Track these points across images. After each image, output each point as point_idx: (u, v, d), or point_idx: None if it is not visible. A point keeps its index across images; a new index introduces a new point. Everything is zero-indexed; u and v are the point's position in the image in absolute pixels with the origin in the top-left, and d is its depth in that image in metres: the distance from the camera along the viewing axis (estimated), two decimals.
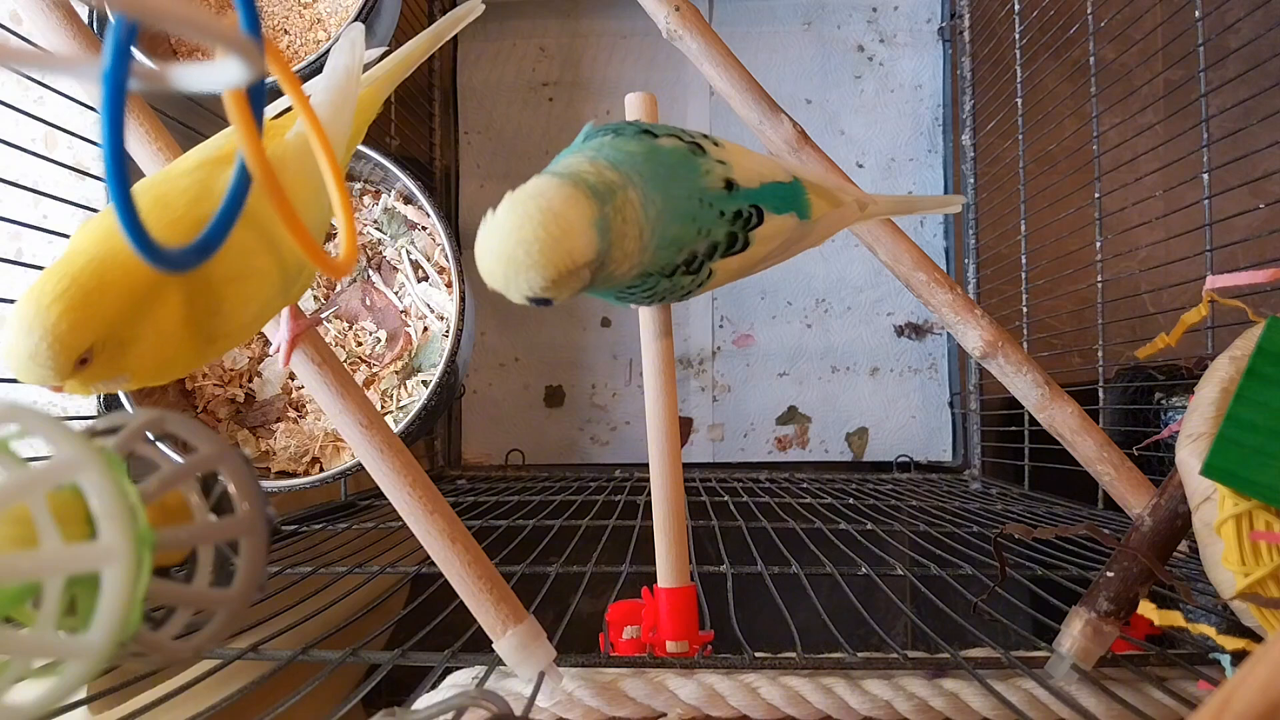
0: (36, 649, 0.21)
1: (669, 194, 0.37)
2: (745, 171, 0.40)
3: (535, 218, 0.33)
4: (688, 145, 0.39)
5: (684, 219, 0.37)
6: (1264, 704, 0.24)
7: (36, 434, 0.23)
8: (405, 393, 0.87)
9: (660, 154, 0.38)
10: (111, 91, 0.20)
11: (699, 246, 0.38)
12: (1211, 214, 0.72)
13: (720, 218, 0.38)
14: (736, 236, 0.39)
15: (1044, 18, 0.94)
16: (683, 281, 0.39)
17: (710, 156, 0.39)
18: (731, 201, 0.39)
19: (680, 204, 0.37)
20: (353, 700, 0.43)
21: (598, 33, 1.18)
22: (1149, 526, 0.41)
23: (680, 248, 0.38)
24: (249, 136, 0.25)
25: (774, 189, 0.41)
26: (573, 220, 0.33)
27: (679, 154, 0.38)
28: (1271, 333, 0.37)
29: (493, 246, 0.33)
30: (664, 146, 0.38)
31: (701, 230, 0.38)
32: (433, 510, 0.42)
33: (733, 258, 0.40)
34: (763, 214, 0.40)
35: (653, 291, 0.39)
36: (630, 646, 0.49)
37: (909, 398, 1.15)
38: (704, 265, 0.39)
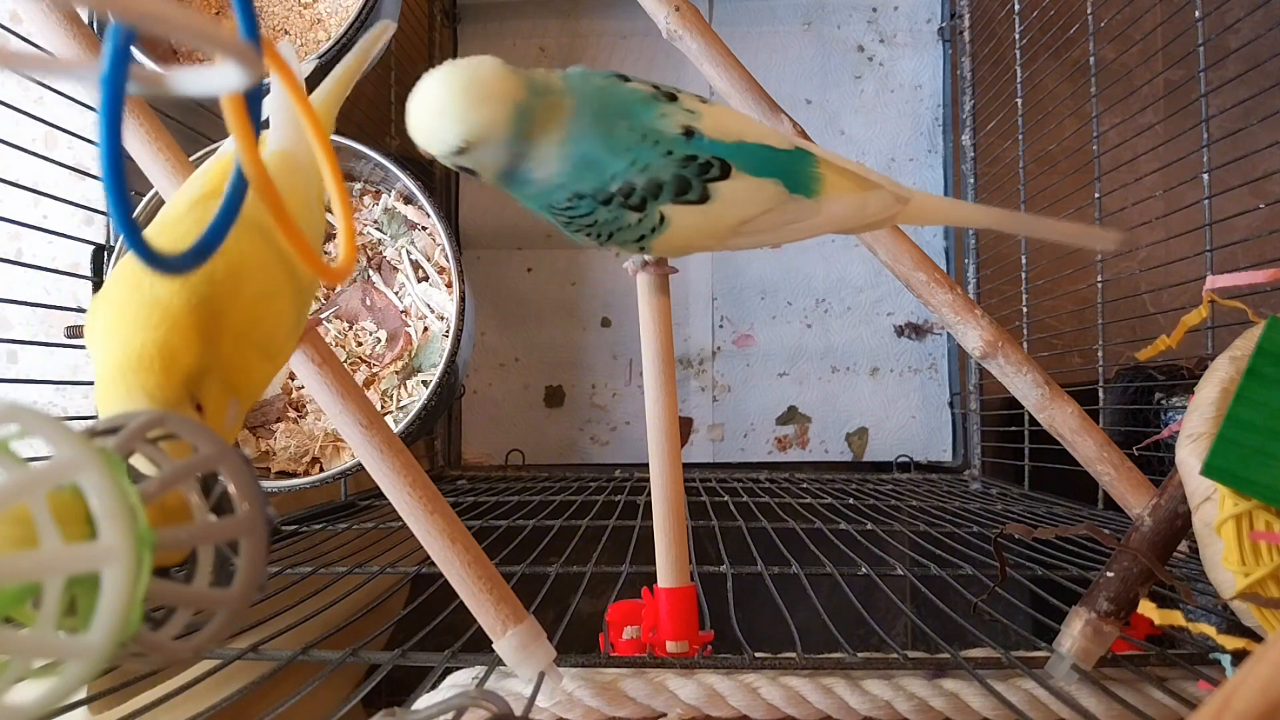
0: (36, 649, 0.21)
1: (602, 118, 0.38)
2: (719, 127, 0.40)
3: (461, 78, 0.36)
4: (653, 91, 0.40)
5: (615, 149, 0.38)
6: (1264, 704, 0.24)
7: (36, 434, 0.23)
8: (405, 393, 0.87)
9: (617, 89, 0.39)
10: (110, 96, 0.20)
11: (636, 180, 0.38)
12: (1211, 214, 0.72)
13: (667, 156, 0.38)
14: (689, 182, 0.39)
15: (1044, 18, 0.94)
16: (627, 217, 0.39)
17: (679, 105, 0.40)
18: (687, 146, 0.39)
19: (616, 133, 0.38)
20: (353, 700, 0.43)
21: (598, 33, 1.18)
22: (1149, 526, 0.41)
23: (611, 176, 0.38)
24: (246, 142, 0.25)
25: (756, 149, 0.40)
26: (495, 90, 0.36)
27: (639, 94, 0.39)
28: (1271, 333, 0.37)
29: (420, 96, 0.36)
30: (626, 86, 0.40)
31: (638, 162, 0.38)
32: (433, 510, 0.42)
33: (691, 208, 0.39)
34: (729, 168, 0.39)
35: (593, 219, 0.39)
36: (630, 646, 0.49)
37: (909, 398, 1.15)
38: (648, 204, 0.39)
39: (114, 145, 0.20)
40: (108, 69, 0.20)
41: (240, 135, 0.24)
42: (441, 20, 1.16)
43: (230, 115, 0.24)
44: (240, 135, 0.24)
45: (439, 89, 0.36)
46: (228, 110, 0.24)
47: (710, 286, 1.16)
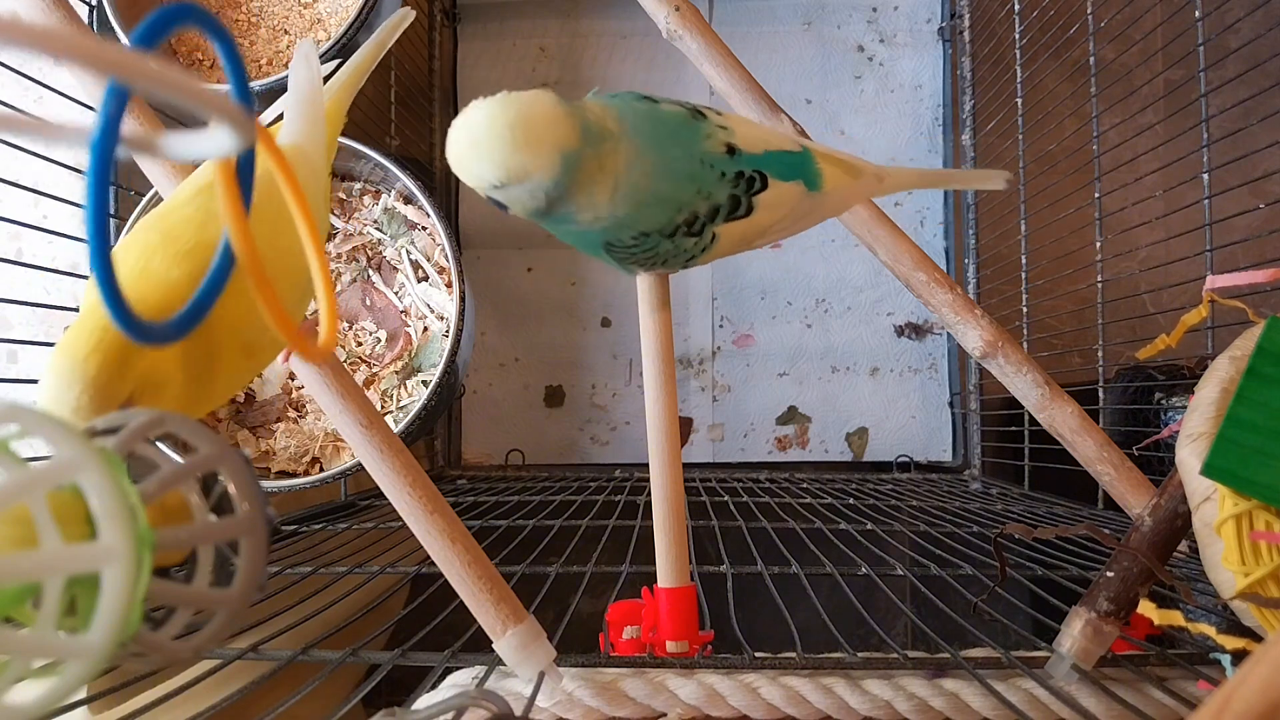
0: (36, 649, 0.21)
1: (665, 153, 0.37)
2: (748, 138, 0.40)
3: (508, 117, 0.34)
4: (688, 110, 0.40)
5: (680, 178, 0.38)
6: (1264, 704, 0.24)
7: (36, 434, 0.23)
8: (405, 393, 0.87)
9: (661, 115, 0.39)
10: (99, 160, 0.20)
11: (700, 207, 0.38)
12: (1211, 214, 0.72)
13: (721, 179, 0.38)
14: (739, 200, 0.39)
15: (1044, 18, 0.94)
16: (685, 244, 0.39)
17: (711, 121, 0.40)
18: (733, 164, 0.39)
19: (677, 164, 0.38)
20: (353, 700, 0.43)
21: (598, 33, 1.18)
22: (1149, 526, 0.41)
23: (678, 207, 0.38)
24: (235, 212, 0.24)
25: (779, 156, 0.41)
26: (541, 137, 0.34)
27: (680, 117, 0.39)
28: (1271, 333, 0.37)
29: (463, 125, 0.35)
30: (665, 110, 0.39)
31: (701, 190, 0.38)
32: (433, 510, 0.42)
33: (736, 223, 0.40)
34: (766, 179, 0.40)
35: (654, 252, 0.39)
36: (630, 646, 0.49)
37: (909, 398, 1.15)
38: (706, 228, 0.39)
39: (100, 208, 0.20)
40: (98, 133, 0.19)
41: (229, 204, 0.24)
42: (441, 20, 1.16)
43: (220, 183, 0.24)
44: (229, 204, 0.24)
45: (486, 123, 0.34)
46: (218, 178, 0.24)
47: (710, 286, 1.16)
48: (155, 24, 0.21)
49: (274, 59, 0.82)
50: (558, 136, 0.35)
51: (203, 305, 0.25)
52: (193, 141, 0.21)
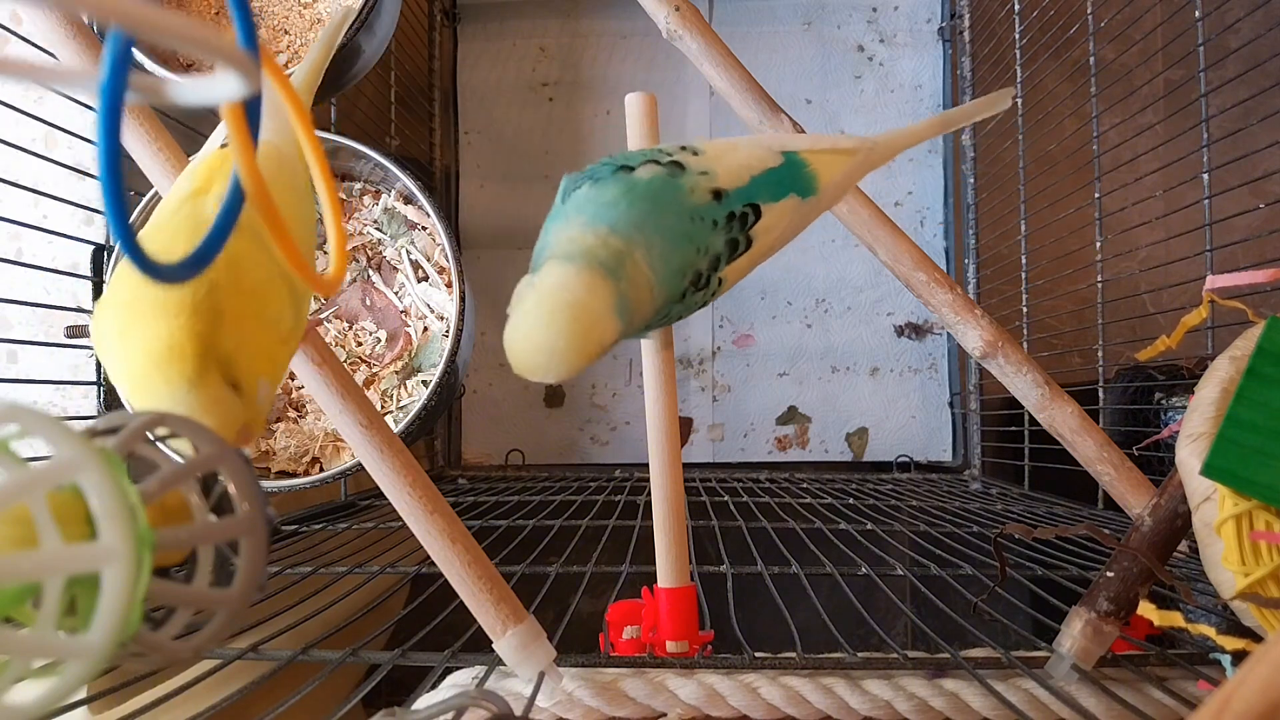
0: (36, 649, 0.21)
1: (663, 227, 0.36)
2: (730, 174, 0.39)
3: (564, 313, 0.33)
4: (666, 168, 0.38)
5: (683, 243, 0.37)
6: (1264, 704, 0.24)
7: (36, 434, 0.23)
8: (405, 393, 0.87)
9: (640, 189, 0.37)
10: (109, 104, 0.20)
11: (702, 265, 0.38)
12: (1211, 214, 0.72)
13: (715, 229, 0.38)
14: (737, 241, 0.39)
15: (1044, 18, 0.94)
16: (694, 300, 0.39)
17: (691, 171, 0.38)
18: (723, 209, 0.38)
19: (676, 231, 0.37)
20: (353, 700, 0.43)
21: (598, 33, 1.18)
22: (1149, 526, 0.41)
23: (684, 273, 0.37)
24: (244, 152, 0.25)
25: (765, 179, 0.40)
26: (597, 310, 0.33)
27: (659, 181, 0.38)
28: (1271, 333, 0.37)
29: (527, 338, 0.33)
30: (642, 179, 0.37)
31: (700, 248, 0.38)
32: (433, 510, 0.42)
33: (741, 259, 0.39)
34: (759, 209, 0.39)
35: (668, 317, 0.39)
36: (630, 646, 0.49)
37: (909, 398, 1.15)
38: (711, 279, 0.39)
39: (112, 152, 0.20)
40: (107, 77, 0.20)
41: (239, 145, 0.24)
42: (441, 20, 1.16)
43: (229, 125, 0.24)
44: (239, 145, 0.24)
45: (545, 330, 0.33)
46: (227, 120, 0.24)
47: None
48: None
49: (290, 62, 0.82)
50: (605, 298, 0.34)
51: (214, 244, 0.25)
52: (201, 87, 0.21)
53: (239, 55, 0.20)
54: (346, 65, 0.85)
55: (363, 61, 0.87)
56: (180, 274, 0.24)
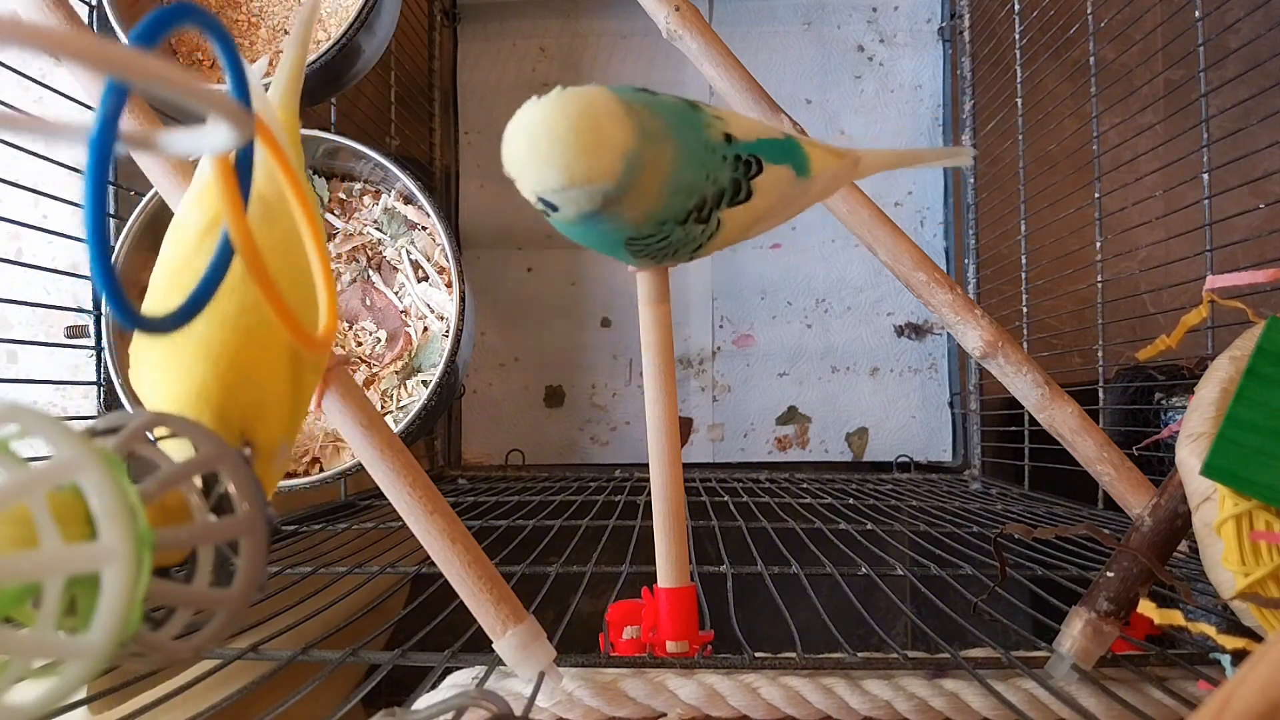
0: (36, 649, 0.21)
1: (686, 141, 0.37)
2: (740, 128, 0.41)
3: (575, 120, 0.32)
4: (685, 101, 0.40)
5: (697, 165, 0.38)
6: (1264, 704, 0.24)
7: (36, 434, 0.23)
8: (405, 393, 0.87)
9: (668, 103, 0.39)
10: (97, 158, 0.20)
11: (709, 192, 0.38)
12: (1211, 214, 0.72)
13: (724, 162, 0.39)
14: (740, 184, 0.39)
15: (1044, 18, 0.94)
16: (694, 231, 0.39)
17: (707, 111, 0.40)
18: (732, 149, 0.39)
19: (694, 151, 0.38)
20: (353, 700, 0.43)
21: (598, 33, 1.18)
22: (1149, 526, 0.41)
23: (693, 194, 0.38)
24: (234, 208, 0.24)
25: (769, 143, 0.41)
26: (608, 139, 0.33)
27: (681, 106, 0.39)
28: (1271, 333, 0.37)
29: (524, 128, 0.33)
30: (666, 99, 0.39)
31: (710, 175, 0.38)
32: (433, 510, 0.42)
33: (737, 208, 0.40)
34: (762, 164, 0.40)
35: (667, 241, 0.39)
36: (630, 646, 0.49)
37: (909, 398, 1.15)
38: (713, 214, 0.39)
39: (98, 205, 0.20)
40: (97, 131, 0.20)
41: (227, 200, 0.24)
42: (441, 20, 1.16)
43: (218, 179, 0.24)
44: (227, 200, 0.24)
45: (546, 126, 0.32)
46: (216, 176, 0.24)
47: (710, 286, 1.16)
48: (155, 23, 0.21)
49: (274, 59, 0.82)
50: (622, 138, 0.33)
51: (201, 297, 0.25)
52: (192, 138, 0.21)
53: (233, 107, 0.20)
54: (346, 65, 0.85)
55: (363, 61, 0.87)
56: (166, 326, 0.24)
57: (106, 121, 0.19)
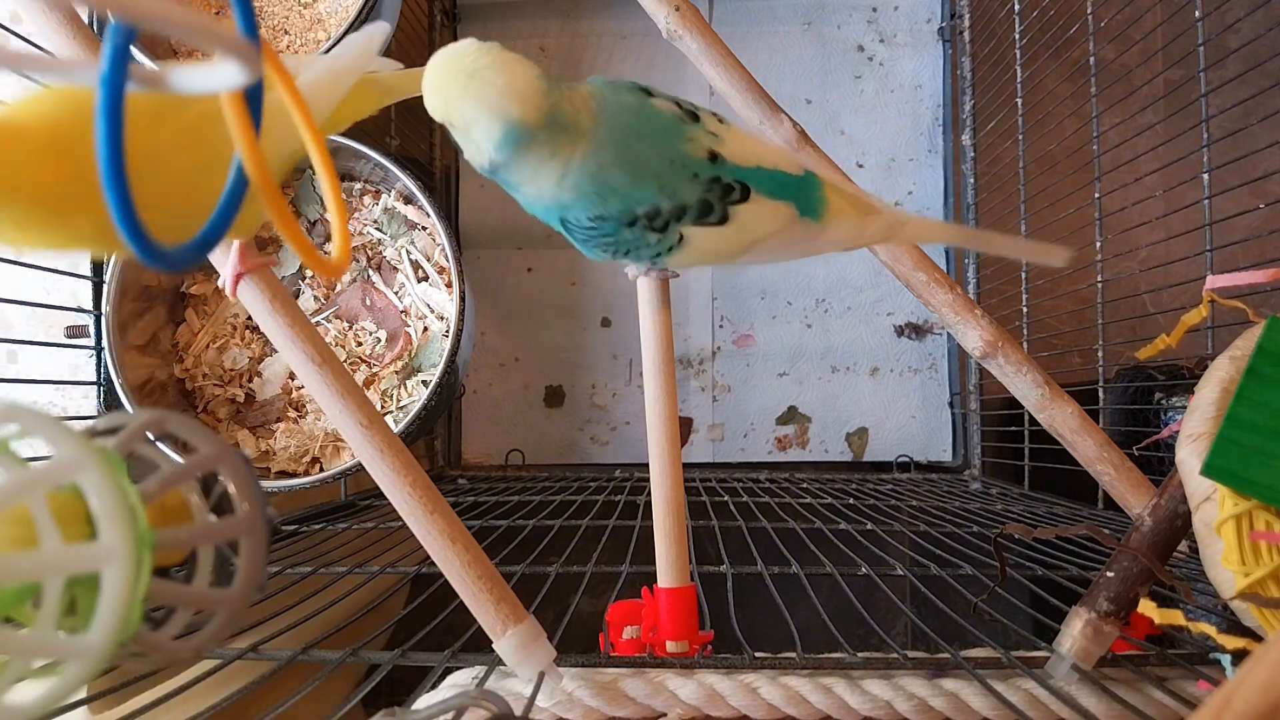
0: (36, 649, 0.21)
1: (629, 148, 0.38)
2: (739, 151, 0.40)
3: (477, 64, 0.35)
4: (682, 112, 0.40)
5: (640, 175, 0.38)
6: (1264, 704, 0.24)
7: (36, 434, 0.23)
8: (405, 393, 0.87)
9: (643, 110, 0.39)
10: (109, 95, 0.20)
11: (663, 204, 0.38)
12: (1211, 214, 0.72)
13: (693, 180, 0.38)
14: (711, 205, 0.39)
15: (1044, 18, 0.94)
16: (648, 238, 0.39)
17: (703, 127, 0.40)
18: (712, 170, 0.39)
19: (639, 160, 0.38)
20: (353, 700, 0.43)
21: (598, 33, 1.18)
22: (1149, 526, 0.41)
23: (636, 201, 0.38)
24: (247, 139, 0.25)
25: (773, 175, 0.40)
26: (494, 100, 0.35)
27: (665, 116, 0.39)
28: (1271, 333, 0.37)
29: (445, 52, 0.36)
30: (653, 105, 0.39)
31: (665, 188, 0.38)
32: (433, 510, 0.42)
33: (710, 229, 0.39)
34: (749, 191, 0.39)
35: (613, 239, 0.39)
36: (630, 646, 0.49)
37: (909, 398, 1.15)
38: (670, 226, 0.39)
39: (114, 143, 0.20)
40: (107, 68, 0.20)
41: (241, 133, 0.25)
42: (442, 20, 1.16)
43: (231, 114, 0.24)
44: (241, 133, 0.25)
45: (455, 60, 0.35)
46: (228, 109, 0.24)
47: (710, 286, 1.16)
48: None
49: None
50: (509, 106, 0.35)
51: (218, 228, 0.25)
52: (201, 75, 0.21)
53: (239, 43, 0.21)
54: None
55: None
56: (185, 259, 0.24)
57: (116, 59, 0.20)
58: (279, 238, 0.90)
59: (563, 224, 0.40)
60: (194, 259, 0.25)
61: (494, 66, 0.35)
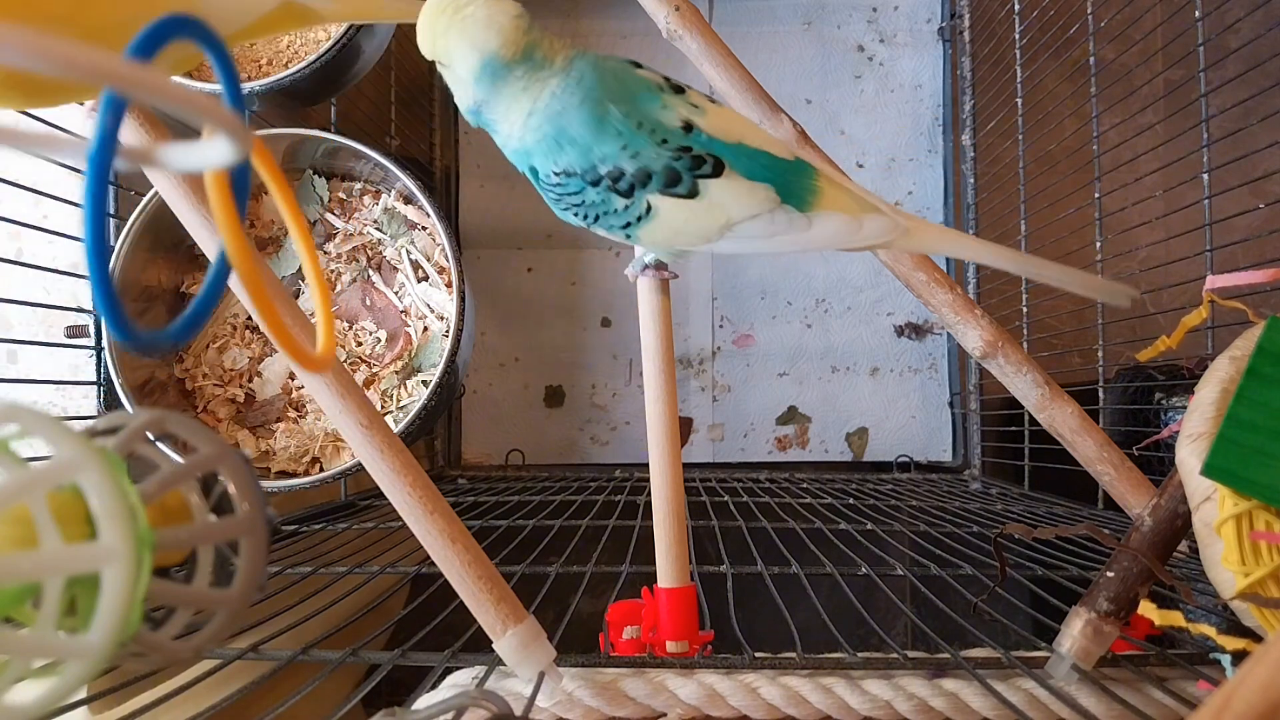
0: (36, 649, 0.21)
1: (596, 104, 0.38)
2: (721, 127, 0.40)
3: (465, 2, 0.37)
4: (665, 83, 0.40)
5: (604, 132, 0.38)
6: (1264, 704, 0.24)
7: (36, 434, 0.23)
8: (405, 393, 0.87)
9: (620, 74, 0.40)
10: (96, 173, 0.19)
11: (626, 165, 0.38)
12: (1211, 214, 0.72)
13: (661, 145, 0.39)
14: (679, 175, 0.39)
15: (1044, 18, 0.94)
16: (615, 202, 0.39)
17: (685, 98, 0.40)
18: (683, 139, 0.39)
19: (606, 118, 0.38)
20: (353, 700, 0.43)
21: (598, 33, 1.18)
22: (1149, 526, 0.41)
23: (600, 159, 0.39)
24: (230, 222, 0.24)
25: (754, 153, 0.40)
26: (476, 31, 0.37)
27: (644, 83, 0.40)
28: (1271, 333, 0.37)
29: (432, 5, 0.38)
30: (633, 74, 0.40)
31: (629, 148, 0.38)
32: (433, 510, 0.42)
33: (679, 201, 0.39)
34: (723, 166, 0.39)
35: (581, 199, 0.40)
36: (630, 646, 0.49)
37: (909, 398, 1.15)
38: (636, 191, 0.39)
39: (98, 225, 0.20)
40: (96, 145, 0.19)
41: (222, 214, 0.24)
42: None
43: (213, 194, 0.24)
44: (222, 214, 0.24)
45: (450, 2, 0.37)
46: (210, 188, 0.24)
47: (710, 286, 1.16)
48: (152, 35, 0.21)
49: (274, 59, 0.82)
50: (489, 38, 0.37)
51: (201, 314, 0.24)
52: (190, 152, 0.21)
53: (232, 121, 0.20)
54: (346, 65, 0.85)
55: (363, 61, 0.87)
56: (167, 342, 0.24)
57: (105, 136, 0.19)
58: (279, 237, 0.90)
59: (532, 174, 0.41)
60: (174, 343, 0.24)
61: (478, 2, 0.37)
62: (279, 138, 0.83)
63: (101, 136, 0.19)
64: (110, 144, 0.19)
